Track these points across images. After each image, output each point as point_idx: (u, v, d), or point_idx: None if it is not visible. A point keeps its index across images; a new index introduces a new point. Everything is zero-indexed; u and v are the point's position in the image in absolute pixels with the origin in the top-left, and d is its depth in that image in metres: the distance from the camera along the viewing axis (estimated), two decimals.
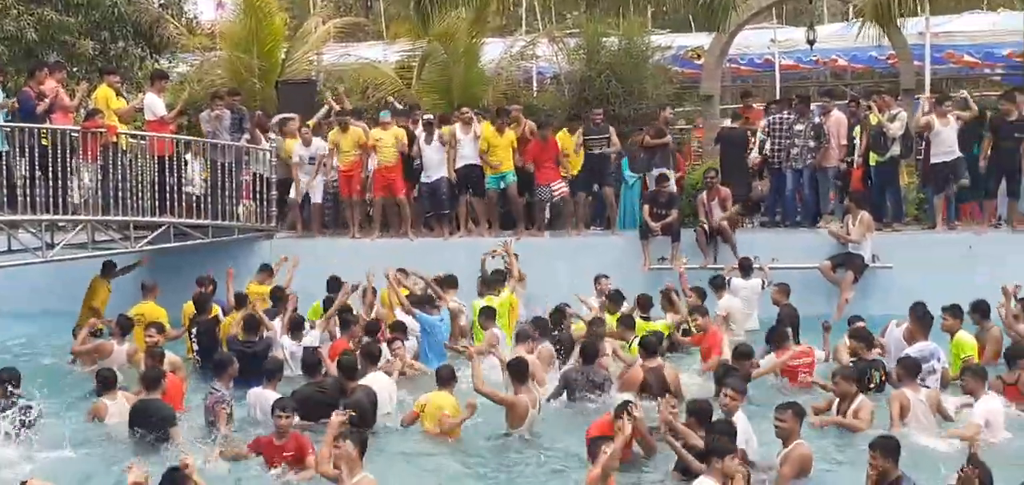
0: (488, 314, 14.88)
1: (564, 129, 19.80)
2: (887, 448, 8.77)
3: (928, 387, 11.97)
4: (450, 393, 11.79)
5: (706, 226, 18.35)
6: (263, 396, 11.91)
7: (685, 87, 26.68)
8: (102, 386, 12.12)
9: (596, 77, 22.78)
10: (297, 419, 10.77)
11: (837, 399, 11.57)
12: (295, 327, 14.42)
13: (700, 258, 18.30)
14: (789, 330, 14.01)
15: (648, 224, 18.33)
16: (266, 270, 17.20)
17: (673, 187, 18.93)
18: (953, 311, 13.52)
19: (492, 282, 16.21)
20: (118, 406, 11.81)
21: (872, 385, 12.43)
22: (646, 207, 18.52)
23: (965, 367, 12.22)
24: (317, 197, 19.65)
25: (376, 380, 12.31)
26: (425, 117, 19.72)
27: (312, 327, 14.72)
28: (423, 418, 11.66)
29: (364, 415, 11.18)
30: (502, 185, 19.25)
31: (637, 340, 13.53)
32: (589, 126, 19.48)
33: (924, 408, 11.32)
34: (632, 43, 23.61)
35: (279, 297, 15.48)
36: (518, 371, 11.69)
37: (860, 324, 13.88)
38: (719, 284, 16.55)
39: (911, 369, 11.67)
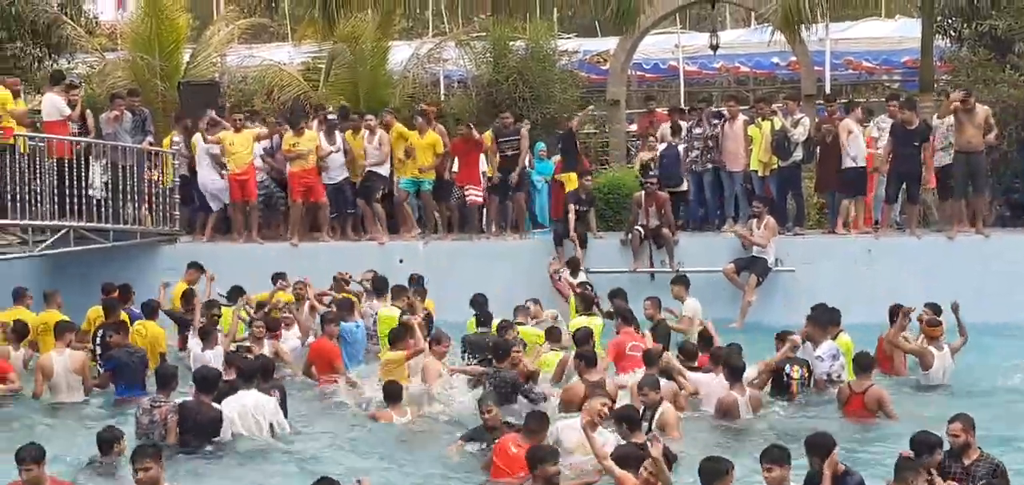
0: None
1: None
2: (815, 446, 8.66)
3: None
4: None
5: (641, 230, 18.38)
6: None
7: (591, 92, 26.85)
8: None
9: (504, 81, 22.85)
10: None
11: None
12: (205, 334, 14.12)
13: (626, 262, 18.35)
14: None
15: (568, 227, 18.21)
16: (195, 268, 16.82)
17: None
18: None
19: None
20: None
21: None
22: (572, 207, 18.46)
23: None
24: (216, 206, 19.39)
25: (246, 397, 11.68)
26: (328, 117, 19.54)
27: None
28: None
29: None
30: (417, 189, 19.18)
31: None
32: (500, 129, 19.50)
33: None
34: (539, 47, 23.75)
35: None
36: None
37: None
38: (683, 282, 16.25)
39: None
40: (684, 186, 19.43)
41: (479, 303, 15.06)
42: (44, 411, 13.08)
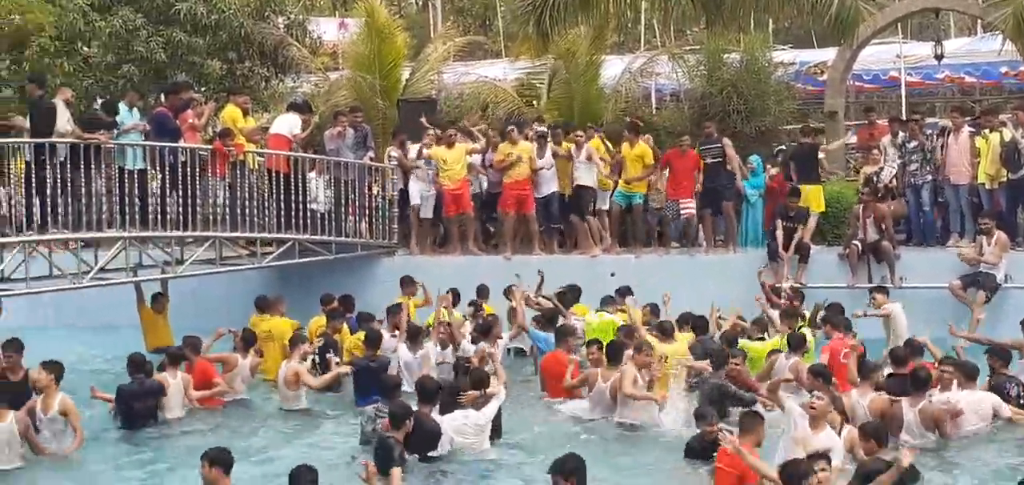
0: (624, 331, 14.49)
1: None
2: None
3: None
4: None
5: (859, 244, 17.91)
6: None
7: (808, 104, 26.30)
8: None
9: (717, 94, 22.61)
10: None
11: None
12: (413, 336, 14.44)
13: (845, 277, 17.90)
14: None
15: (776, 241, 17.94)
16: (409, 283, 17.14)
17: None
18: None
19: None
20: None
21: None
22: (780, 223, 18.12)
23: None
24: (426, 212, 19.67)
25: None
26: (538, 130, 19.71)
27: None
28: None
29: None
30: (629, 203, 19.12)
31: None
32: (702, 138, 19.25)
33: None
34: (754, 59, 23.41)
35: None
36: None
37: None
38: (883, 290, 15.94)
39: None
40: None
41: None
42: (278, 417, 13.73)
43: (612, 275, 17.85)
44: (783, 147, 21.23)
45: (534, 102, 25.29)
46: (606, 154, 19.45)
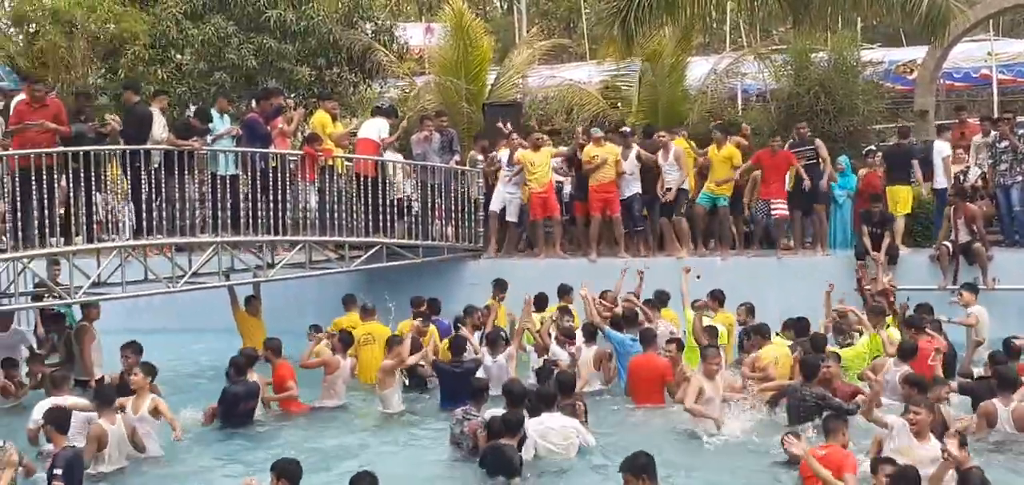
0: (709, 332, 14.39)
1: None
2: None
3: None
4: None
5: (949, 246, 17.65)
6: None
7: (897, 103, 25.95)
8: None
9: (805, 93, 22.39)
10: None
11: None
12: (493, 342, 14.51)
13: (936, 279, 17.65)
14: None
15: (864, 244, 17.75)
16: (500, 286, 17.23)
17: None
18: None
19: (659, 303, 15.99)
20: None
21: None
22: (864, 228, 17.95)
23: None
24: (512, 216, 19.77)
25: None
26: (622, 131, 19.66)
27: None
28: None
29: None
30: (714, 205, 19.04)
31: None
32: (794, 140, 19.09)
33: None
34: (842, 58, 23.15)
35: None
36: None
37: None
38: (972, 289, 15.68)
39: None
40: None
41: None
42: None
43: (698, 278, 17.74)
44: (872, 147, 20.96)
45: (619, 104, 25.28)
46: (692, 154, 19.40)
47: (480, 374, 13.68)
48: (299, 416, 13.98)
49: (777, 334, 14.70)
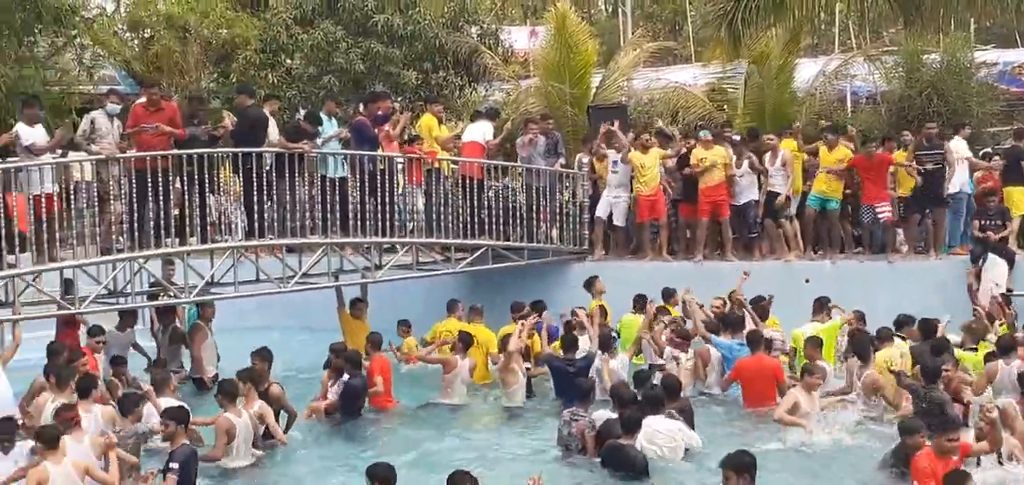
0: (812, 343, 14.23)
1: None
2: None
3: None
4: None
5: None
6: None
7: (1013, 105, 25.33)
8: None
9: (916, 96, 21.98)
10: None
11: None
12: (606, 345, 14.52)
13: None
14: None
15: (980, 244, 17.31)
16: (589, 284, 17.32)
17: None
18: None
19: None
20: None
21: None
22: (974, 223, 17.56)
23: None
24: (619, 220, 19.70)
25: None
26: (733, 138, 19.44)
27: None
28: None
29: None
30: (823, 207, 18.75)
31: None
32: (921, 142, 18.69)
33: None
34: (955, 60, 22.67)
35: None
36: None
37: None
38: None
39: None
40: None
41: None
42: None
43: (807, 281, 17.54)
44: (987, 149, 20.49)
45: (725, 107, 25.07)
46: (801, 157, 19.14)
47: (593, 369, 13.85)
48: (392, 413, 14.30)
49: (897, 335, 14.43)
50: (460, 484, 8.69)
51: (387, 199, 16.91)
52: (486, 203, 18.10)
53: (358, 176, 16.77)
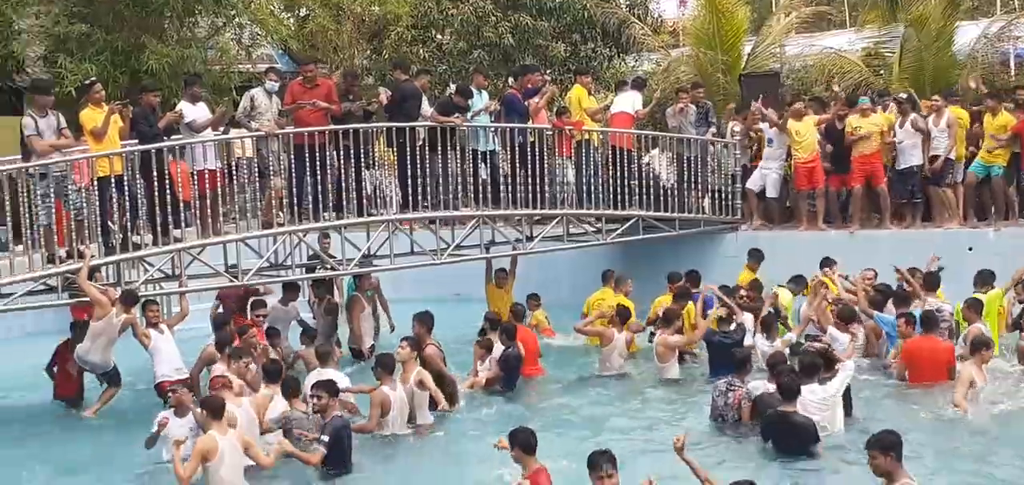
0: (972, 306, 13.94)
1: None
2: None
3: None
4: None
5: None
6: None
7: None
8: None
9: None
10: None
11: None
12: (767, 326, 14.29)
13: None
14: None
15: None
16: (756, 256, 17.18)
17: None
18: None
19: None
20: None
21: None
22: None
23: None
24: (772, 191, 19.41)
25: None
26: (898, 97, 18.91)
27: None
28: None
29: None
30: (987, 173, 18.09)
31: None
32: None
33: None
34: None
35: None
36: None
37: None
38: None
39: None
40: None
41: None
42: None
43: (970, 250, 17.01)
44: None
45: (882, 72, 24.44)
46: (966, 123, 18.50)
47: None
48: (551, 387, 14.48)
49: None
50: (597, 464, 8.62)
51: (538, 171, 17.00)
52: (635, 174, 18.05)
53: (508, 149, 16.89)
